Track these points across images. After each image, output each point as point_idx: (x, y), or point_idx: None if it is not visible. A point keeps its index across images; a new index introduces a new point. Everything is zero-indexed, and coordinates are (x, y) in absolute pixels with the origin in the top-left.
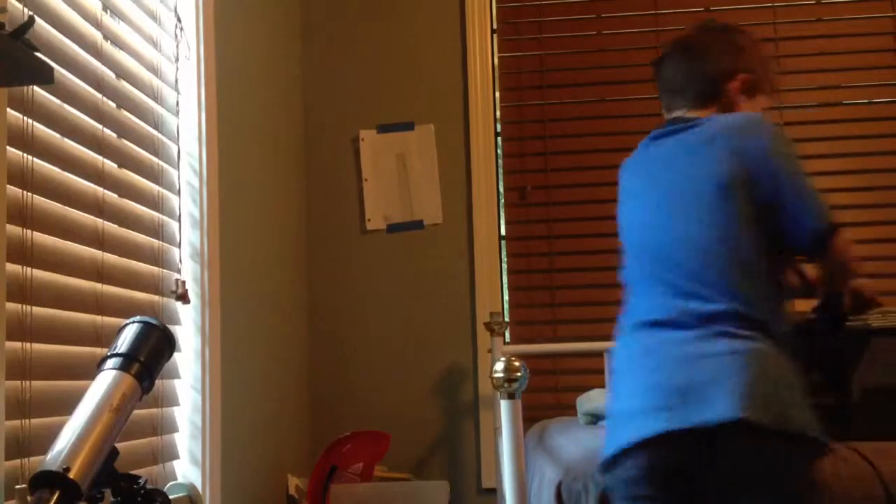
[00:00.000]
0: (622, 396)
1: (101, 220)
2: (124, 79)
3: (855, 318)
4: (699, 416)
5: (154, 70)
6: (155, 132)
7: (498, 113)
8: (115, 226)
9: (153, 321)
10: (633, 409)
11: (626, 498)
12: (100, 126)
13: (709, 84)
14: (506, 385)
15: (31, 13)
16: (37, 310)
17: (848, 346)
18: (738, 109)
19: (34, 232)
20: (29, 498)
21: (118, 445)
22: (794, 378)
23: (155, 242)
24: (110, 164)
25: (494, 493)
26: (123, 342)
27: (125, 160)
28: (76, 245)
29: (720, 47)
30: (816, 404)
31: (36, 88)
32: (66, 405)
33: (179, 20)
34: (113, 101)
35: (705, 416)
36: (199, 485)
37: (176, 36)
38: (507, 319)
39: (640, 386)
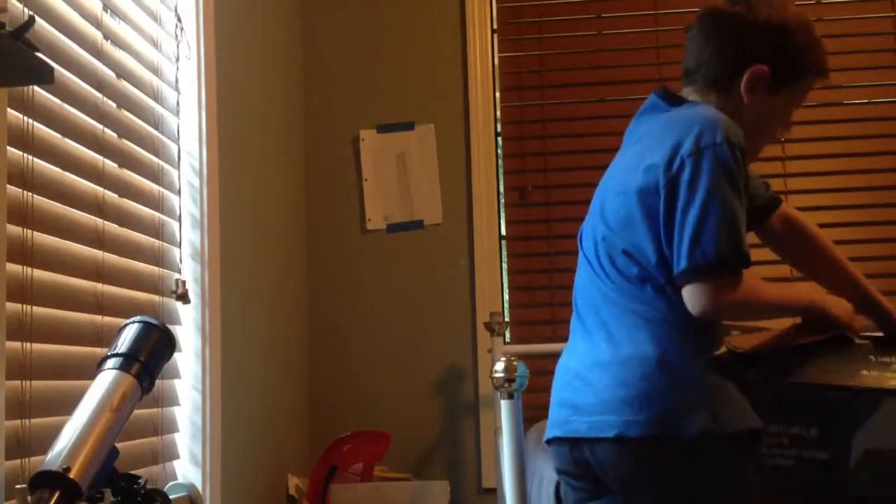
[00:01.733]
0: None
1: (101, 220)
2: (125, 79)
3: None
4: (579, 427)
5: (154, 70)
6: (155, 132)
7: (498, 113)
8: (116, 226)
9: (153, 321)
10: (550, 412)
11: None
12: (100, 126)
13: (719, 71)
14: (506, 385)
15: (31, 13)
16: (37, 310)
17: (855, 405)
18: (747, 104)
19: (34, 232)
20: (29, 498)
21: (118, 445)
22: (694, 378)
23: (155, 242)
24: (110, 164)
25: (494, 493)
26: (123, 342)
27: (125, 160)
28: (76, 245)
29: (740, 28)
30: (808, 458)
31: (36, 88)
32: (66, 405)
33: (179, 20)
34: (113, 101)
35: (580, 427)
36: (199, 485)
37: (176, 36)
38: (507, 319)
39: (554, 395)
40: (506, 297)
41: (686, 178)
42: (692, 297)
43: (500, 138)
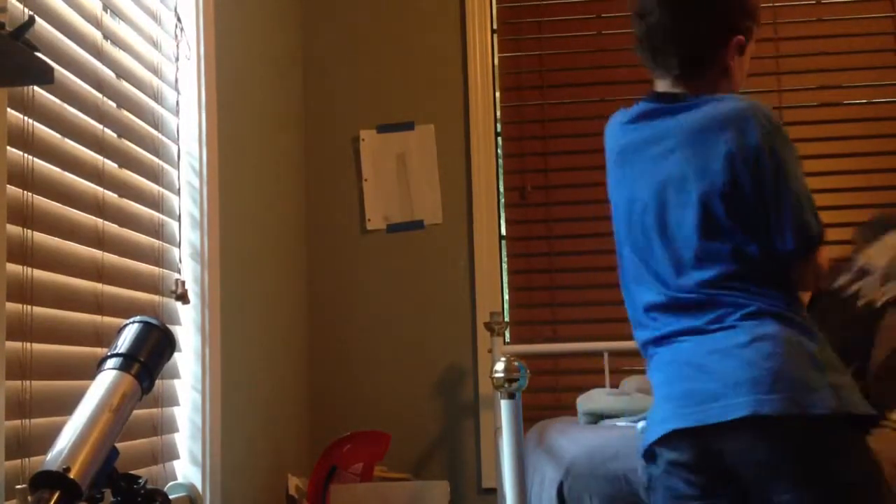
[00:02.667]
0: (661, 389)
1: (101, 220)
2: (124, 79)
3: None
4: (708, 414)
5: (154, 70)
6: (155, 132)
7: (498, 113)
8: (115, 226)
9: (153, 321)
10: (662, 407)
11: (666, 474)
12: (100, 126)
13: (700, 48)
14: (506, 385)
15: (31, 13)
16: (37, 310)
17: (865, 323)
18: (730, 75)
19: (34, 232)
20: (29, 498)
21: (118, 445)
22: (821, 356)
23: (155, 242)
24: (110, 164)
25: (494, 493)
26: (123, 342)
27: (125, 160)
28: (76, 245)
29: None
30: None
31: (36, 88)
32: (66, 405)
33: (179, 20)
34: (113, 101)
35: (710, 414)
36: (199, 485)
37: (176, 36)
38: (507, 319)
39: (668, 389)
40: (506, 297)
41: (768, 167)
42: (804, 272)
43: (500, 138)
